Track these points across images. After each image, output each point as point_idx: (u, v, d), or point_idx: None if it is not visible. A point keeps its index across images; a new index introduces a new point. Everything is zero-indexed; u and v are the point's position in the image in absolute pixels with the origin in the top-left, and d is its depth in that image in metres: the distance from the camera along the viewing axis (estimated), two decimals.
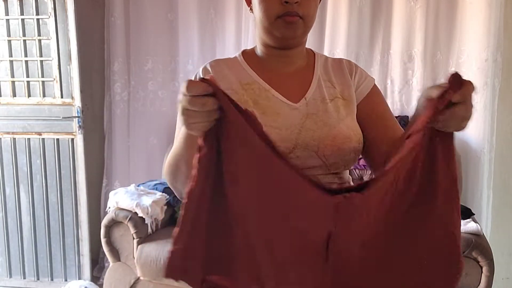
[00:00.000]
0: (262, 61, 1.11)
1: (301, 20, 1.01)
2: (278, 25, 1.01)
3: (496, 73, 2.75)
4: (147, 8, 3.16)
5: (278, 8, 1.00)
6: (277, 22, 1.01)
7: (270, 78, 1.08)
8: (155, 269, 2.47)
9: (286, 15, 1.00)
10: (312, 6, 1.03)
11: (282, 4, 0.99)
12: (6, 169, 3.08)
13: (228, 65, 1.10)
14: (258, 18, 1.04)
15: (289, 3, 0.98)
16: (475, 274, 2.14)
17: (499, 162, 2.87)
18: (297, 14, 1.00)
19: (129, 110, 3.27)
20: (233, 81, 1.07)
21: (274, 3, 1.00)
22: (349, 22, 2.89)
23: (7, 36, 2.97)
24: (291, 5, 0.99)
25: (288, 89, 1.07)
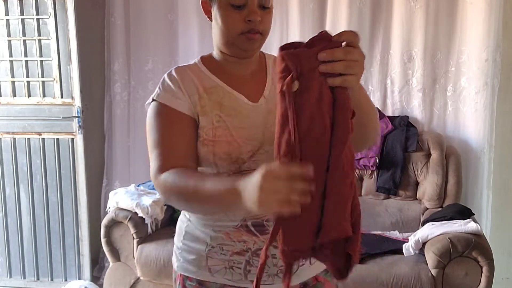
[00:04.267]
0: (221, 66, 1.17)
1: (260, 35, 1.09)
2: (241, 40, 1.08)
3: (496, 73, 2.76)
4: (147, 8, 3.16)
5: (242, 25, 1.06)
6: (240, 37, 1.08)
7: (230, 81, 1.15)
8: (155, 269, 2.47)
9: (248, 32, 1.07)
10: (270, 21, 1.11)
11: (246, 22, 1.06)
12: (6, 169, 3.08)
13: (192, 71, 1.16)
14: (220, 30, 1.10)
15: (252, 21, 1.06)
16: (475, 274, 2.15)
17: (499, 162, 2.87)
18: (258, 31, 1.07)
19: (129, 110, 3.27)
20: (198, 86, 1.13)
21: (238, 20, 1.06)
22: (349, 22, 2.88)
23: (7, 36, 2.97)
24: (253, 23, 1.06)
25: (248, 90, 1.14)
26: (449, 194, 2.69)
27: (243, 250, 1.11)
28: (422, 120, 2.91)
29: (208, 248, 1.13)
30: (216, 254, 1.13)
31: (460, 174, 2.72)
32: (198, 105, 1.11)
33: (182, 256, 1.18)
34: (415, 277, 2.17)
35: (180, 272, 1.18)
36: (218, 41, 1.13)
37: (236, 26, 1.07)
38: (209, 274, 1.14)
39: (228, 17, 1.07)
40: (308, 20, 2.96)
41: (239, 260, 1.12)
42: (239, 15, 1.06)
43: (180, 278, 1.18)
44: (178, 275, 1.19)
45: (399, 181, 2.73)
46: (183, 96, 1.11)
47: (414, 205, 2.75)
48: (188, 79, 1.14)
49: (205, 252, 1.13)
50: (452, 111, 2.88)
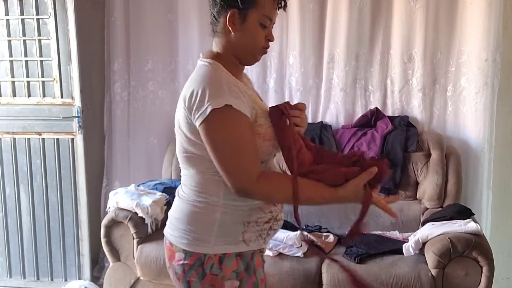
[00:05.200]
0: (232, 69, 1.34)
1: None
2: (259, 53, 1.35)
3: (496, 73, 2.76)
4: (147, 8, 3.16)
5: (264, 42, 1.34)
6: (260, 50, 1.35)
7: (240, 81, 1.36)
8: (155, 269, 2.47)
9: (265, 48, 1.35)
10: None
11: (266, 40, 1.34)
12: (6, 169, 3.08)
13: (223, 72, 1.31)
14: (247, 42, 1.32)
15: (270, 41, 1.35)
16: (475, 274, 2.15)
17: (499, 162, 2.88)
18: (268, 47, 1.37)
19: (129, 110, 3.27)
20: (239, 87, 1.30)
21: (262, 37, 1.32)
22: (349, 22, 2.89)
23: (7, 36, 2.97)
24: (270, 41, 1.36)
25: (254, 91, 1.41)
26: (449, 194, 2.69)
27: (270, 218, 1.37)
28: (422, 120, 2.91)
29: (245, 225, 1.32)
30: (252, 228, 1.33)
31: (460, 174, 2.72)
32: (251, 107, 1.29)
33: (218, 240, 1.31)
34: (415, 277, 2.17)
35: (217, 253, 1.31)
36: (240, 49, 1.33)
37: (261, 42, 1.33)
38: (245, 245, 1.33)
39: (257, 34, 1.31)
40: (308, 20, 2.96)
41: (267, 228, 1.37)
42: (263, 33, 1.32)
43: (215, 258, 1.31)
44: (208, 257, 1.31)
45: (399, 181, 2.73)
46: (244, 99, 1.26)
47: (414, 205, 2.75)
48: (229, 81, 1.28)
49: (243, 228, 1.32)
50: (452, 111, 2.88)
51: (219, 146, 1.22)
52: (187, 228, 1.32)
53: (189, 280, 1.33)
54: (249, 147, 1.24)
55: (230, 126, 1.21)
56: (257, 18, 1.29)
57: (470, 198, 2.84)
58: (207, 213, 1.32)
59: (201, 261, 1.31)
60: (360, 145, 2.82)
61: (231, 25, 1.29)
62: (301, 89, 3.02)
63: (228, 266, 1.31)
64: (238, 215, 1.32)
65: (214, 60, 1.31)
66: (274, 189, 1.27)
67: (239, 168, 1.23)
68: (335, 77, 2.98)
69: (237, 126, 1.22)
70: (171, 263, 1.37)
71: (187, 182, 1.37)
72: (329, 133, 2.92)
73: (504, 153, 2.90)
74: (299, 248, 2.39)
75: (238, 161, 1.23)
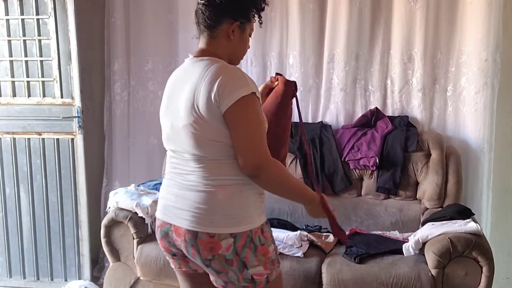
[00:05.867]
0: None
1: None
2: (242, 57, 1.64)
3: (496, 73, 2.76)
4: (147, 8, 3.16)
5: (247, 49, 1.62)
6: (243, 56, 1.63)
7: None
8: (155, 269, 2.47)
9: None
10: None
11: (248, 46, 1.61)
12: (6, 169, 3.08)
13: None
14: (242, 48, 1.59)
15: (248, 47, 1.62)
16: (475, 274, 2.15)
17: (499, 162, 2.88)
18: None
19: (129, 110, 3.27)
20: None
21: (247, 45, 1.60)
22: (349, 22, 2.89)
23: (7, 36, 2.97)
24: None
25: None
26: (449, 194, 2.69)
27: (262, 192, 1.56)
28: (422, 120, 2.91)
29: (261, 196, 1.54)
30: (263, 198, 1.56)
31: (460, 174, 2.72)
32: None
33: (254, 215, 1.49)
34: (415, 277, 2.17)
35: (259, 225, 1.49)
36: (238, 53, 1.58)
37: (246, 49, 1.61)
38: (264, 214, 1.56)
39: (248, 42, 1.59)
40: (308, 20, 2.96)
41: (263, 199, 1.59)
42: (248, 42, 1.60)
43: (259, 231, 1.49)
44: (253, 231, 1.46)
45: (399, 181, 2.73)
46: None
47: (414, 205, 2.75)
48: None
49: (261, 199, 1.54)
50: (452, 111, 2.88)
51: (247, 126, 1.40)
52: (227, 212, 1.44)
53: (244, 259, 1.45)
54: (264, 130, 1.46)
55: (256, 110, 1.42)
56: (249, 31, 1.57)
57: (470, 198, 2.84)
58: (237, 192, 1.46)
59: (250, 237, 1.45)
60: (360, 145, 2.82)
61: (233, 34, 1.51)
62: (301, 89, 3.02)
63: (268, 233, 1.53)
64: (256, 188, 1.50)
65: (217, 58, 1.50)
66: (282, 175, 1.48)
67: (261, 145, 1.41)
68: (335, 77, 2.98)
69: (260, 111, 1.44)
70: (217, 254, 1.44)
71: (203, 171, 1.46)
72: (329, 133, 2.92)
73: (504, 153, 2.90)
74: (299, 248, 2.39)
75: (260, 139, 1.41)
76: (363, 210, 2.79)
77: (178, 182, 1.52)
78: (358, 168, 2.81)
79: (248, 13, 1.53)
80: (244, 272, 1.46)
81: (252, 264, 1.46)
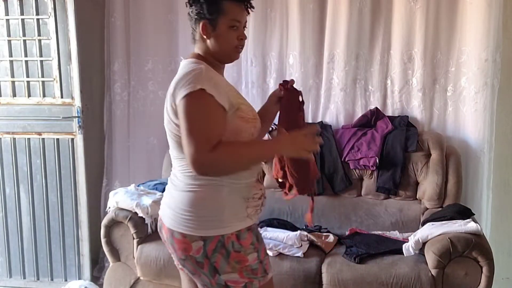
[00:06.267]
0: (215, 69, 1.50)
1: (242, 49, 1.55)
2: (234, 52, 1.52)
3: (496, 73, 2.76)
4: (147, 8, 3.16)
5: (236, 42, 1.50)
6: (234, 50, 1.51)
7: None
8: (155, 269, 2.47)
9: (239, 46, 1.52)
10: None
11: (238, 40, 1.50)
12: (6, 169, 3.08)
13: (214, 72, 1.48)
14: (220, 45, 1.49)
15: (242, 39, 1.52)
16: (475, 274, 2.15)
17: (499, 162, 2.87)
18: (243, 46, 1.54)
19: (129, 110, 3.27)
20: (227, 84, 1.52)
21: (234, 38, 1.49)
22: (349, 22, 2.88)
23: (7, 36, 2.97)
24: (243, 40, 1.52)
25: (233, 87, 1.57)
26: (449, 194, 2.69)
27: (261, 195, 1.56)
28: (422, 120, 2.91)
29: (246, 200, 1.49)
30: (251, 203, 1.50)
31: (460, 174, 2.72)
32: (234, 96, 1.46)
33: (230, 219, 1.45)
34: (415, 277, 2.17)
35: (233, 231, 1.44)
36: (217, 52, 1.50)
37: (233, 43, 1.49)
38: (250, 220, 1.50)
39: (228, 36, 1.48)
40: (308, 20, 2.96)
41: (259, 203, 1.55)
42: (234, 34, 1.49)
43: (233, 237, 1.44)
44: (225, 237, 1.43)
45: (399, 181, 2.73)
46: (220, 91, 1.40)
47: (414, 205, 2.75)
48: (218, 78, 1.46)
49: (245, 204, 1.48)
50: (452, 111, 2.88)
51: (187, 122, 1.35)
52: (199, 214, 1.43)
53: (215, 264, 1.43)
54: (210, 125, 1.36)
55: (200, 107, 1.36)
56: (226, 23, 1.46)
57: (470, 198, 2.84)
58: (214, 194, 1.44)
59: (222, 242, 1.42)
60: (360, 145, 2.82)
61: (204, 33, 1.48)
62: (301, 89, 3.00)
63: (246, 240, 1.46)
64: (240, 191, 1.47)
65: (201, 61, 1.48)
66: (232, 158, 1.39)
67: (198, 142, 1.34)
68: (335, 77, 2.98)
69: (204, 107, 1.36)
70: (189, 255, 1.43)
71: (185, 170, 1.46)
72: (329, 133, 2.92)
73: (504, 153, 2.90)
74: (299, 248, 2.39)
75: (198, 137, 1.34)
76: (363, 210, 2.79)
77: (169, 180, 1.57)
78: (358, 168, 2.81)
79: (209, 8, 1.45)
80: (216, 277, 1.45)
81: (224, 270, 1.44)
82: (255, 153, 1.45)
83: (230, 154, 1.38)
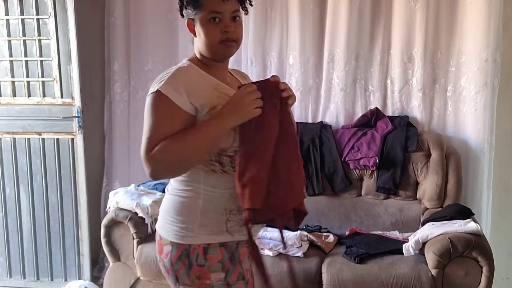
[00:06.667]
0: (209, 68, 1.41)
1: (235, 43, 1.38)
2: (220, 47, 1.37)
3: (496, 73, 2.76)
4: (147, 8, 3.16)
5: (220, 35, 1.35)
6: (219, 45, 1.36)
7: (222, 80, 1.41)
8: (155, 269, 2.46)
9: (226, 40, 1.35)
10: (241, 31, 1.41)
11: (222, 33, 1.35)
12: (6, 169, 3.08)
13: (193, 72, 1.38)
14: (203, 41, 1.37)
15: (227, 32, 1.35)
16: (475, 274, 2.15)
17: (499, 162, 2.87)
18: (233, 39, 1.37)
19: (129, 110, 3.27)
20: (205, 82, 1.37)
21: (216, 32, 1.35)
22: (349, 22, 2.88)
23: (7, 36, 2.97)
24: (228, 33, 1.35)
25: (235, 87, 1.40)
26: (449, 194, 2.69)
27: None
28: (422, 120, 2.91)
29: (227, 213, 1.36)
30: (234, 217, 1.36)
31: (460, 174, 2.72)
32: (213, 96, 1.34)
33: (201, 230, 1.34)
34: (415, 277, 2.17)
35: (201, 243, 1.34)
36: (203, 49, 1.39)
37: (216, 36, 1.35)
38: (229, 235, 1.36)
39: (208, 30, 1.36)
40: (308, 20, 2.96)
41: None
42: (217, 28, 1.35)
43: (199, 249, 1.34)
44: (193, 248, 1.34)
45: (399, 181, 2.73)
46: (183, 93, 1.30)
47: (414, 205, 2.75)
48: (194, 78, 1.36)
49: (225, 217, 1.35)
50: (452, 111, 2.88)
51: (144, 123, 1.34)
52: (173, 219, 1.38)
53: (177, 273, 1.37)
54: (156, 126, 1.31)
55: (153, 108, 1.31)
56: (205, 17, 1.35)
57: (470, 198, 2.84)
58: (191, 201, 1.36)
59: (187, 252, 1.34)
60: (360, 145, 2.82)
61: (192, 31, 1.42)
62: (301, 89, 3.02)
63: (213, 256, 1.34)
64: (219, 202, 1.35)
65: (190, 61, 1.41)
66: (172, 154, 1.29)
67: (144, 143, 1.32)
68: (335, 77, 2.98)
69: (154, 108, 1.31)
70: (161, 257, 1.41)
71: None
72: (329, 133, 2.92)
73: (504, 153, 2.90)
74: (299, 248, 2.39)
75: (146, 138, 1.32)
76: (363, 210, 2.79)
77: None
78: (358, 168, 2.81)
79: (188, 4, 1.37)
80: (177, 286, 1.39)
81: (183, 281, 1.37)
82: (196, 137, 1.29)
83: (166, 149, 1.27)
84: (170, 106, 1.29)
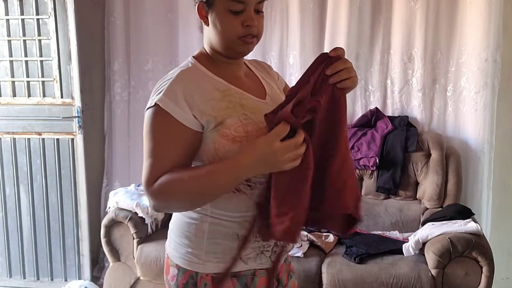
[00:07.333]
0: (218, 66, 1.20)
1: (256, 39, 1.16)
2: (238, 43, 1.14)
3: (496, 73, 2.76)
4: (147, 8, 3.16)
5: (240, 29, 1.13)
6: (237, 41, 1.14)
7: (233, 82, 1.19)
8: (155, 269, 2.47)
9: (245, 37, 1.14)
10: (263, 25, 1.18)
11: (243, 27, 1.12)
12: (6, 169, 3.08)
13: (197, 76, 1.17)
14: (218, 34, 1.15)
15: (250, 26, 1.12)
16: (475, 274, 2.15)
17: (499, 162, 2.88)
18: (254, 35, 1.15)
19: (129, 110, 3.27)
20: (211, 89, 1.15)
21: (236, 25, 1.12)
22: (349, 22, 2.88)
23: (7, 36, 2.97)
24: (251, 27, 1.13)
25: (251, 89, 1.21)
26: (449, 194, 2.69)
27: None
28: (422, 120, 2.91)
29: (239, 239, 1.16)
30: (249, 243, 1.16)
31: (460, 174, 2.72)
32: (216, 109, 1.12)
33: (208, 257, 1.17)
34: (415, 277, 2.17)
35: (209, 272, 1.17)
36: (216, 43, 1.17)
37: (235, 30, 1.13)
38: (242, 263, 1.18)
39: (227, 22, 1.13)
40: (308, 20, 2.96)
41: (269, 244, 1.19)
42: (237, 20, 1.12)
43: (208, 278, 1.17)
44: (200, 277, 1.17)
45: (399, 181, 2.73)
46: (184, 106, 1.11)
47: (414, 205, 2.75)
48: (196, 84, 1.14)
49: (236, 243, 1.16)
50: (452, 111, 2.88)
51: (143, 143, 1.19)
52: (180, 241, 1.22)
53: None
54: (158, 151, 1.14)
55: (152, 124, 1.15)
56: (225, 6, 1.12)
57: (470, 198, 2.84)
58: (197, 224, 1.18)
59: (194, 280, 1.18)
60: (360, 145, 2.82)
61: (202, 18, 1.19)
62: None
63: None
64: (229, 226, 1.16)
65: (197, 60, 1.20)
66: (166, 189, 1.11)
67: (146, 168, 1.16)
68: None
69: (154, 128, 1.15)
70: (167, 278, 1.26)
71: None
72: None
73: (504, 153, 2.90)
74: (299, 248, 2.39)
75: (147, 160, 1.16)
76: (363, 210, 2.79)
77: None
78: (358, 168, 2.81)
79: None
80: None
81: None
82: (203, 184, 1.08)
83: (169, 190, 1.11)
84: (171, 124, 1.11)
